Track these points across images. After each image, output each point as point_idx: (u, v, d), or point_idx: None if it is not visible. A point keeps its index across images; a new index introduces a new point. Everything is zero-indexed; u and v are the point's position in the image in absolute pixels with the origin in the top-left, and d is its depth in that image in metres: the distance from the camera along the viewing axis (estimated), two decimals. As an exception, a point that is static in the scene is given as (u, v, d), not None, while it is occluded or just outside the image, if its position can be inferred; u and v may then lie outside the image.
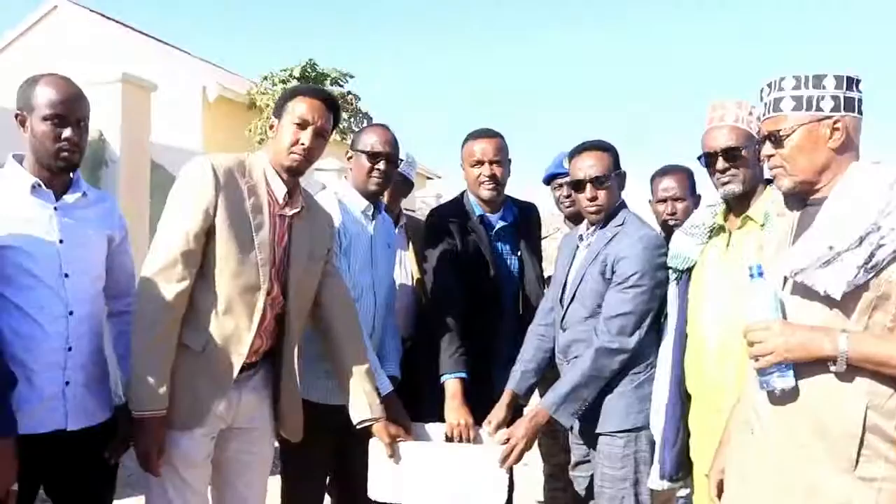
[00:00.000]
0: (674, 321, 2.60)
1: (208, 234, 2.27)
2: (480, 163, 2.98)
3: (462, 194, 3.15)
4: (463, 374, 2.83)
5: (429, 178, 19.86)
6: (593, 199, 2.71)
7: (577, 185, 2.75)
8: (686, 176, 3.24)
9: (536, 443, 2.90)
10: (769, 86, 1.91)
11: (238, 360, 2.33)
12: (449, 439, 2.75)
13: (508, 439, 2.60)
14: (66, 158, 2.24)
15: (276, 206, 2.42)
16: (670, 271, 2.64)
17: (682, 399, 2.56)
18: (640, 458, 2.65)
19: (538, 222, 3.32)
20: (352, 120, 13.56)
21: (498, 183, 3.00)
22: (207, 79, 13.03)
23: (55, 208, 2.25)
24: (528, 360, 2.91)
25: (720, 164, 2.47)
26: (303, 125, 2.39)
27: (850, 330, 1.70)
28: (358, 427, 2.54)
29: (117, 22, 14.73)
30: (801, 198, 1.91)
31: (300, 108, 2.40)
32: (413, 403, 2.87)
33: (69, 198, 2.29)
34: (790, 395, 1.77)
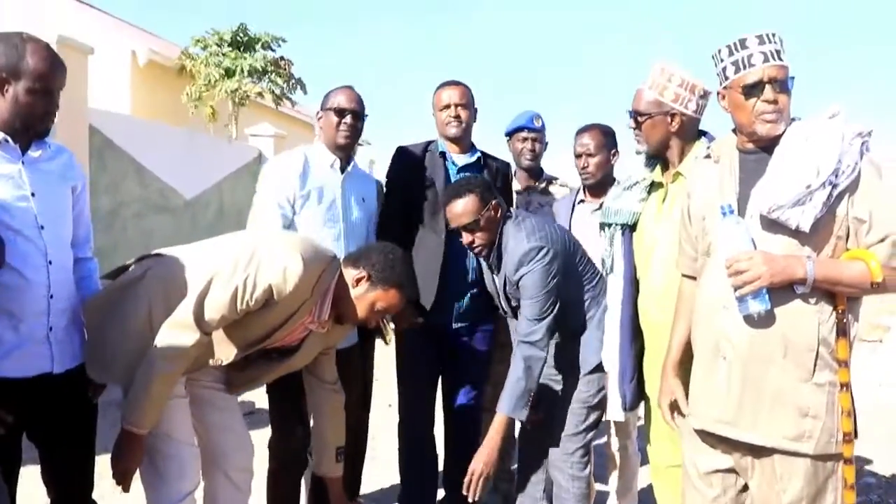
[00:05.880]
0: (621, 269, 2.85)
1: None
2: (447, 106, 3.32)
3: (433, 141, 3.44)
4: None
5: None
6: (471, 242, 2.88)
7: (456, 233, 2.92)
8: (602, 133, 3.40)
9: None
10: (767, 37, 2.08)
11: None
12: None
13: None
14: (47, 127, 2.34)
15: (312, 319, 2.52)
16: (613, 226, 2.87)
17: (634, 337, 2.81)
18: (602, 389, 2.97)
19: (505, 177, 3.57)
20: (285, 85, 13.44)
21: (462, 122, 3.32)
22: (137, 43, 12.73)
23: (22, 163, 2.30)
24: None
25: (630, 123, 2.76)
26: (385, 311, 2.56)
27: (812, 257, 2.01)
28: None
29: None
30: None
31: (394, 300, 2.52)
32: None
33: (34, 153, 2.34)
34: (765, 319, 2.04)
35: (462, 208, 2.84)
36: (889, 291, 2.04)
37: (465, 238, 2.88)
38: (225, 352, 2.46)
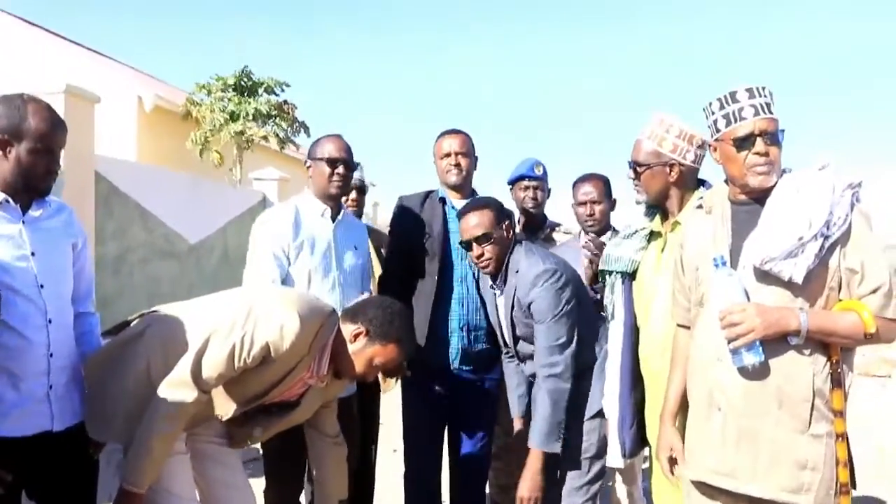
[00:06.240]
0: (621, 316, 2.86)
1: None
2: (448, 154, 3.37)
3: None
4: None
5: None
6: (480, 255, 2.92)
7: (467, 246, 2.97)
8: (603, 182, 3.52)
9: None
10: (757, 90, 2.12)
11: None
12: None
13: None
14: (48, 185, 2.37)
15: (310, 374, 2.53)
16: (613, 274, 2.89)
17: (634, 384, 2.81)
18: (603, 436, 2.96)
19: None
20: (289, 129, 13.58)
21: (462, 170, 3.36)
22: (143, 89, 12.90)
23: (23, 222, 2.33)
24: (518, 384, 3.20)
25: (630, 173, 2.77)
26: (383, 366, 2.58)
27: (805, 308, 2.02)
28: None
29: (48, 31, 14.43)
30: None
31: (392, 355, 2.53)
32: None
33: (34, 212, 2.37)
34: (759, 371, 2.04)
35: (476, 220, 2.91)
36: (882, 342, 2.06)
37: (476, 251, 2.92)
38: (224, 408, 2.46)
